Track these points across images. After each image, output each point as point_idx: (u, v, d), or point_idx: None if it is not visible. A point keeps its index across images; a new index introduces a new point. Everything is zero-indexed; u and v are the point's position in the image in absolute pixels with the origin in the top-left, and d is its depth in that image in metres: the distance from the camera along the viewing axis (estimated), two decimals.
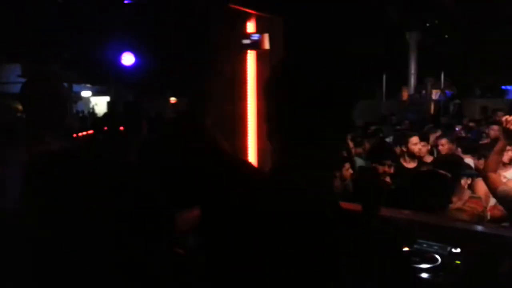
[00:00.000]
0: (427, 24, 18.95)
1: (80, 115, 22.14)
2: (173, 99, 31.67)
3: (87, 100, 28.11)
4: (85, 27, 12.00)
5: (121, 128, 3.18)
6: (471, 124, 9.99)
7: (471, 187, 3.84)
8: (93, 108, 27.06)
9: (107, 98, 28.73)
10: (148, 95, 23.03)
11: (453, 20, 17.44)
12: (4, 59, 17.52)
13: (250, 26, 2.90)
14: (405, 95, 22.29)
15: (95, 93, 28.51)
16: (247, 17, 2.90)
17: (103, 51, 12.75)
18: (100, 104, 27.67)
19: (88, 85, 26.65)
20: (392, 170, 4.42)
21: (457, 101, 19.44)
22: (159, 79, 21.20)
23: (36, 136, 2.01)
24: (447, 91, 19.68)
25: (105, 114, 8.13)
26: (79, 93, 26.87)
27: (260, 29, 2.91)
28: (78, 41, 13.13)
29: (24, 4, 11.50)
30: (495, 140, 4.59)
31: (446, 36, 20.13)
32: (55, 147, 2.03)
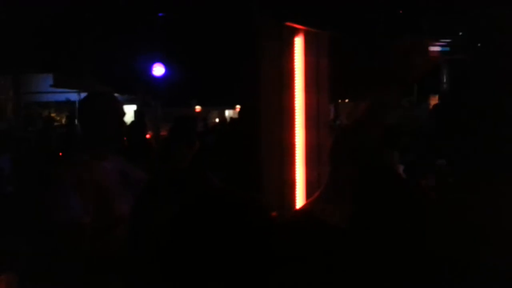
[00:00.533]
0: (460, 33, 18.63)
1: None
2: (198, 108, 32.12)
3: None
4: (117, 39, 12.25)
5: (148, 136, 3.22)
6: None
7: None
8: None
9: (134, 107, 29.25)
10: (175, 104, 23.37)
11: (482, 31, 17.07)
12: (37, 69, 18.01)
13: (298, 41, 2.87)
14: (433, 103, 21.86)
15: (123, 102, 29.04)
16: (295, 32, 2.87)
17: (135, 62, 12.98)
18: (127, 113, 28.11)
19: (116, 94, 27.18)
20: None
21: None
22: (186, 89, 21.51)
23: (95, 152, 2.02)
24: None
25: (133, 123, 8.22)
26: None
27: (307, 44, 2.89)
28: (110, 52, 13.41)
29: (57, 16, 11.82)
30: None
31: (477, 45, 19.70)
32: (116, 162, 2.05)
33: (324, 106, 3.01)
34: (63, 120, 22.53)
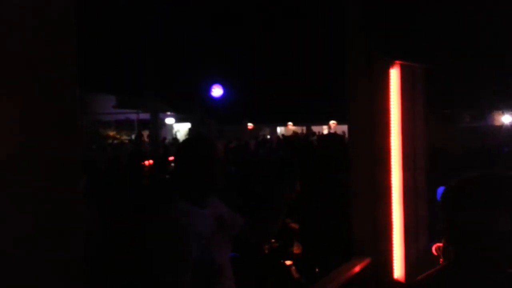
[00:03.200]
0: None
1: (166, 141, 23.21)
2: (250, 125, 32.43)
3: (170, 126, 29.45)
4: (178, 62, 12.63)
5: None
6: None
7: None
8: (175, 134, 28.26)
9: (188, 125, 29.96)
10: (228, 122, 23.73)
11: None
12: (101, 90, 18.95)
13: (394, 73, 2.77)
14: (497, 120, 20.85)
15: (178, 120, 29.82)
16: (390, 64, 2.77)
17: (194, 83, 13.32)
18: (181, 131, 28.83)
19: (172, 113, 27.94)
20: None
21: None
22: (238, 108, 21.81)
23: (196, 198, 1.88)
24: None
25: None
26: (163, 120, 28.29)
27: (403, 76, 2.79)
28: (171, 75, 13.85)
29: (116, 40, 12.38)
30: None
31: None
32: (213, 206, 1.95)
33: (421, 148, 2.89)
34: (123, 138, 23.57)
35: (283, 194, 2.02)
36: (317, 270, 2.97)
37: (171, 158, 8.37)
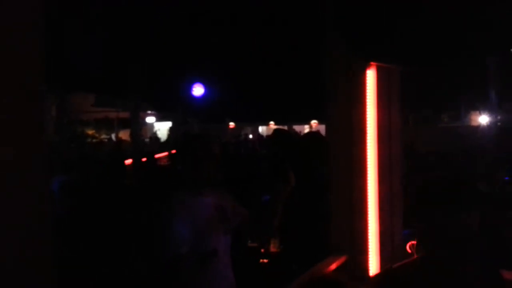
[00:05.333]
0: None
1: (146, 139, 23.01)
2: (232, 124, 32.48)
3: (151, 125, 29.25)
4: (159, 60, 12.55)
5: None
6: None
7: None
8: (155, 133, 28.08)
9: (169, 124, 29.83)
10: (210, 121, 23.72)
11: None
12: (80, 88, 18.68)
13: (370, 74, 2.81)
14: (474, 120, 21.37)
15: (158, 119, 29.61)
16: (366, 66, 2.81)
17: (175, 82, 13.27)
18: (162, 129, 28.66)
19: (153, 111, 27.73)
20: None
21: None
22: (220, 107, 21.83)
23: (194, 188, 2.12)
24: None
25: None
26: (143, 119, 28.06)
27: (379, 78, 2.84)
28: (152, 73, 13.74)
29: (97, 38, 12.25)
30: None
31: None
32: (213, 197, 2.11)
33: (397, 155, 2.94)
34: (102, 137, 23.30)
35: (279, 191, 2.24)
36: (294, 268, 3.00)
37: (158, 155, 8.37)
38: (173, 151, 2.95)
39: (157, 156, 8.90)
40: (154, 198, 2.26)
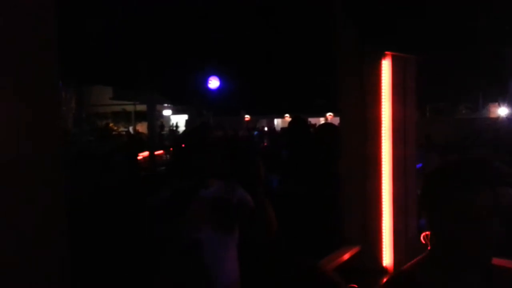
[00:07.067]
0: None
1: (163, 132, 23.15)
2: (247, 117, 32.48)
3: (167, 118, 29.43)
4: (175, 54, 12.59)
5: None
6: None
7: None
8: (173, 126, 28.26)
9: (185, 117, 29.96)
10: (225, 114, 23.76)
11: None
12: (98, 82, 18.89)
13: (386, 64, 2.76)
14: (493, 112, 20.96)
15: (175, 112, 29.76)
16: (382, 56, 2.76)
17: (191, 75, 13.30)
18: (179, 122, 28.82)
19: (169, 105, 27.87)
20: None
21: None
22: (235, 100, 21.82)
23: (199, 178, 2.09)
24: None
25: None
26: (160, 111, 28.24)
27: (394, 68, 2.78)
28: (168, 67, 13.81)
29: (114, 32, 12.34)
30: None
31: None
32: (214, 187, 2.11)
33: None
34: (120, 130, 23.53)
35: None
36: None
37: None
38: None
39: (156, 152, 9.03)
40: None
